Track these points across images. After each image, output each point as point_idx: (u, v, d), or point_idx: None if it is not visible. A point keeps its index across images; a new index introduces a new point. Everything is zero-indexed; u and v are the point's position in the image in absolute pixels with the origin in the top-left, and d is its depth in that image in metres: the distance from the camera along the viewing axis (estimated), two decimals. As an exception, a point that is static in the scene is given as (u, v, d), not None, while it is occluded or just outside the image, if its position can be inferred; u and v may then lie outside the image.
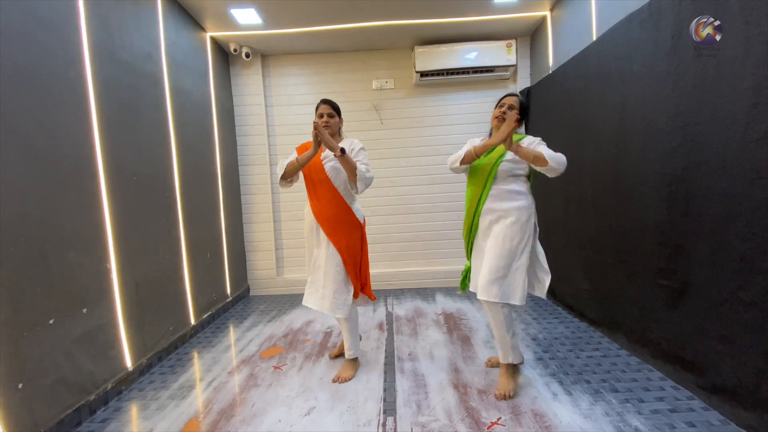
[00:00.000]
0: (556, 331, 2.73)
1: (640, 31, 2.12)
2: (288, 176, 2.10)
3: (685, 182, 1.87)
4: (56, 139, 1.83)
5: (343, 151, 1.97)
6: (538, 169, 1.84)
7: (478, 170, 1.99)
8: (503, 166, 1.91)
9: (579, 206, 2.86)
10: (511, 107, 1.96)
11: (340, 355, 2.48)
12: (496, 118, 1.98)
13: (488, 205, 1.95)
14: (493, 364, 2.27)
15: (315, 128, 1.91)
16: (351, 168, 2.02)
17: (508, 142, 1.77)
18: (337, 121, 2.18)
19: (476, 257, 2.05)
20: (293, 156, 2.14)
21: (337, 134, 2.21)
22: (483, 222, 1.98)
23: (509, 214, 1.90)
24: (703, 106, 1.75)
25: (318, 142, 1.95)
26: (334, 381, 2.17)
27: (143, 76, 2.53)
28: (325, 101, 2.17)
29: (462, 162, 1.98)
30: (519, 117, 1.88)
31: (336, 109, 2.18)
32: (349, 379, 2.19)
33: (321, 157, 2.13)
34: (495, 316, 1.91)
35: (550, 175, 1.83)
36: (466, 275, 2.17)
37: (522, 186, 1.95)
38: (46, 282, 1.74)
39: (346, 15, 3.34)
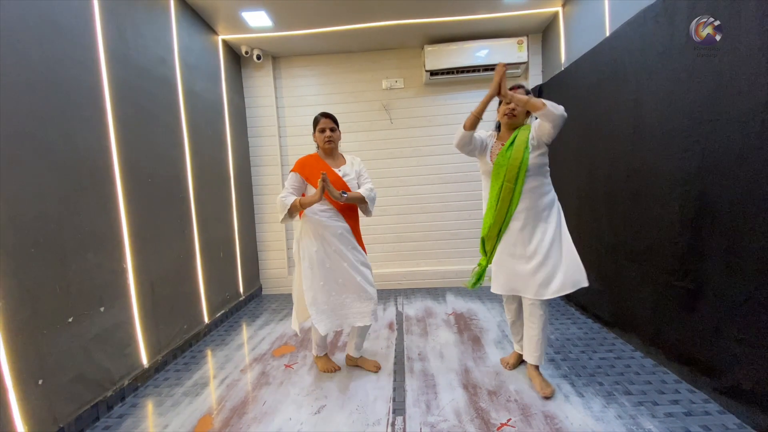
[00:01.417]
0: (569, 332, 2.70)
1: (655, 27, 2.07)
2: (291, 216, 2.09)
3: (700, 180, 1.82)
4: (73, 142, 1.89)
5: (343, 194, 2.02)
6: (536, 115, 1.78)
7: (504, 166, 1.89)
8: (533, 161, 1.86)
9: (592, 205, 2.82)
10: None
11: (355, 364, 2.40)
12: (506, 115, 1.93)
13: (525, 203, 1.88)
14: (512, 366, 2.21)
15: (323, 181, 1.91)
16: (359, 198, 2.10)
17: (503, 91, 1.77)
18: (338, 135, 2.19)
19: (509, 258, 1.96)
20: (289, 184, 2.09)
21: (336, 148, 2.23)
22: (518, 221, 1.91)
23: (547, 210, 1.90)
24: (719, 102, 1.70)
25: (323, 189, 1.93)
26: (378, 370, 2.29)
27: (157, 80, 2.59)
28: (326, 115, 2.15)
29: (465, 127, 1.88)
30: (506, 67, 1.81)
31: (336, 123, 2.18)
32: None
33: (340, 175, 2.14)
34: (542, 315, 1.93)
35: (547, 126, 1.74)
36: (482, 275, 2.10)
37: (549, 179, 1.96)
38: (65, 281, 1.80)
39: (355, 15, 3.35)
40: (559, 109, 1.73)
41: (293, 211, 2.06)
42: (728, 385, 1.71)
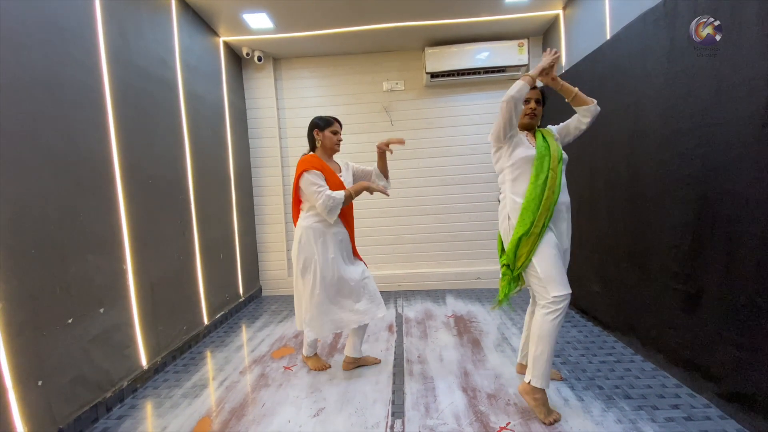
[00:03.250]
0: (569, 335, 2.69)
1: (655, 30, 2.07)
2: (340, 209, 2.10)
3: (700, 184, 1.82)
4: (75, 143, 1.89)
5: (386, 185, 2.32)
6: (576, 110, 1.89)
7: (546, 156, 1.80)
8: (565, 155, 1.87)
9: (592, 208, 2.81)
10: (537, 101, 1.90)
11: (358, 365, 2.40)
12: (527, 115, 1.89)
13: (563, 197, 1.82)
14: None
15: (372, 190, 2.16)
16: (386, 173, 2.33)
17: (553, 75, 1.79)
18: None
19: (558, 253, 1.78)
20: (321, 180, 2.07)
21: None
22: (562, 213, 1.83)
23: (569, 208, 1.86)
24: (720, 106, 1.70)
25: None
26: (379, 361, 2.42)
27: (158, 82, 2.59)
28: (337, 119, 2.25)
29: (528, 83, 1.73)
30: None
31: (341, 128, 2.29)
32: None
33: (341, 178, 2.20)
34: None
35: (586, 120, 1.87)
36: (510, 287, 1.89)
37: None
38: (65, 283, 1.80)
39: (356, 17, 3.36)
40: (598, 107, 1.87)
41: (346, 203, 2.12)
42: (729, 389, 1.71)
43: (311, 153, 2.22)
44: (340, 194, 2.07)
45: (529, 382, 1.77)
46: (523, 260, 1.78)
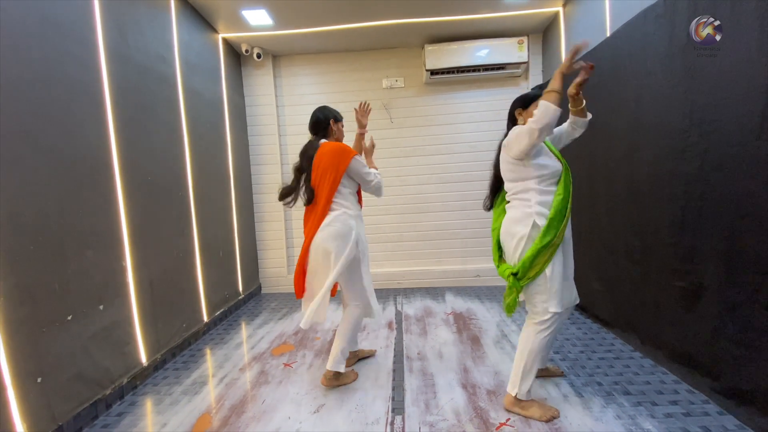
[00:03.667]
0: (568, 332, 2.70)
1: (655, 27, 2.07)
2: None
3: (699, 181, 1.82)
4: (74, 140, 1.88)
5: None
6: (573, 120, 1.86)
7: (568, 173, 1.75)
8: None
9: (591, 205, 2.82)
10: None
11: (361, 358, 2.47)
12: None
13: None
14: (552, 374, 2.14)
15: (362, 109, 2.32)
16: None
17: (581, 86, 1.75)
18: None
19: (560, 272, 1.73)
20: (364, 161, 2.20)
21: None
22: (569, 229, 1.80)
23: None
24: (719, 103, 1.70)
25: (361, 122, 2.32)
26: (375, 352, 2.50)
27: (157, 78, 2.58)
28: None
29: (557, 103, 1.65)
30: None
31: None
32: None
33: None
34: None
35: (579, 131, 1.87)
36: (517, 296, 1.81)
37: None
38: (64, 280, 1.79)
39: (356, 14, 3.35)
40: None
41: None
42: (727, 386, 1.71)
43: (330, 140, 2.17)
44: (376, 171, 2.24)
45: (515, 395, 1.76)
46: (537, 270, 1.69)
